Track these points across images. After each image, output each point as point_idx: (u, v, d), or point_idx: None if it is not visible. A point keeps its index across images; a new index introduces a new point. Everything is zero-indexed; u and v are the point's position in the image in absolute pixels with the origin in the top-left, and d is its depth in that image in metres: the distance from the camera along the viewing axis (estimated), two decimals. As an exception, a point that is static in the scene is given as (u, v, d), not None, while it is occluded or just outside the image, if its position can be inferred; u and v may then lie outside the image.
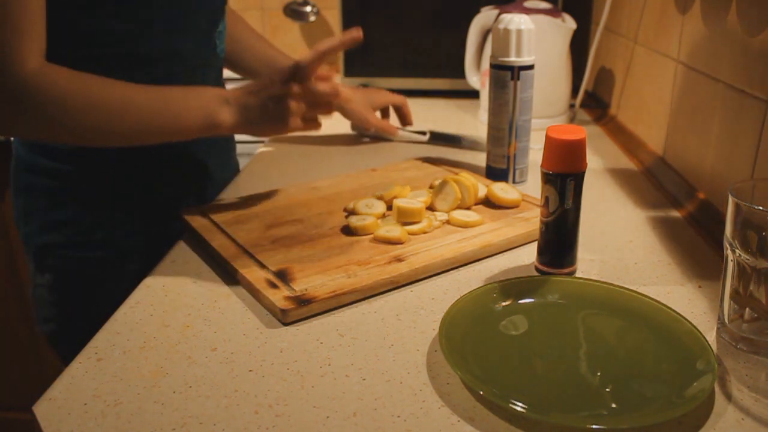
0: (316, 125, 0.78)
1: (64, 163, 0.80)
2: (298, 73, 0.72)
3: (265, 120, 0.73)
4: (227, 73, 0.99)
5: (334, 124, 1.27)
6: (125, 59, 0.77)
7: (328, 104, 0.76)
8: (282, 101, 0.72)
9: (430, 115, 1.34)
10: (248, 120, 0.73)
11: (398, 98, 1.13)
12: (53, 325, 0.87)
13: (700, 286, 0.66)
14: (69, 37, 0.73)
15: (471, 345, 0.55)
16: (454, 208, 0.79)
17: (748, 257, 0.52)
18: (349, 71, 1.46)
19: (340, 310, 0.62)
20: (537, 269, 0.68)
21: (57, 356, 0.90)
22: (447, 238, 0.73)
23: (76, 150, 0.78)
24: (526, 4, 1.18)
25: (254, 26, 1.28)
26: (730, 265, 0.54)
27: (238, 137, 1.08)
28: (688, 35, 0.90)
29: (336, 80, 0.77)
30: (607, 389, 0.50)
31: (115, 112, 0.69)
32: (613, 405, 0.48)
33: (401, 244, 0.71)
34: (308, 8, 1.73)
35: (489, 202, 0.82)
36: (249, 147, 1.28)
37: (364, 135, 1.19)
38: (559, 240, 0.66)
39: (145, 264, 0.72)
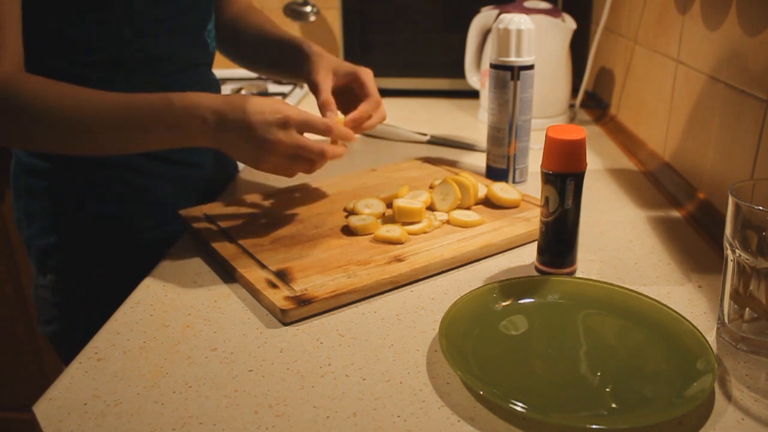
0: (289, 176, 0.71)
1: (63, 165, 0.80)
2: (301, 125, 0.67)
3: (240, 154, 0.69)
4: (225, 72, 0.99)
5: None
6: (119, 63, 0.77)
7: (310, 163, 0.70)
8: (262, 147, 0.66)
9: (430, 115, 1.34)
10: (224, 147, 0.69)
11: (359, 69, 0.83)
12: (55, 327, 0.87)
13: (700, 286, 0.66)
14: (64, 46, 0.75)
15: (471, 345, 0.55)
16: (454, 208, 0.79)
17: (748, 257, 0.52)
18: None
19: (340, 310, 0.62)
20: (537, 269, 0.68)
21: (59, 358, 0.90)
22: (447, 238, 0.73)
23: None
24: (526, 4, 1.18)
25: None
26: (730, 265, 0.54)
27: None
28: (688, 35, 0.90)
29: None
30: (607, 389, 0.50)
31: (82, 128, 0.66)
32: (613, 405, 0.48)
33: (401, 244, 0.71)
34: (308, 8, 1.73)
35: (489, 202, 0.82)
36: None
37: (364, 134, 1.19)
38: (559, 240, 0.66)
39: (146, 264, 0.72)
